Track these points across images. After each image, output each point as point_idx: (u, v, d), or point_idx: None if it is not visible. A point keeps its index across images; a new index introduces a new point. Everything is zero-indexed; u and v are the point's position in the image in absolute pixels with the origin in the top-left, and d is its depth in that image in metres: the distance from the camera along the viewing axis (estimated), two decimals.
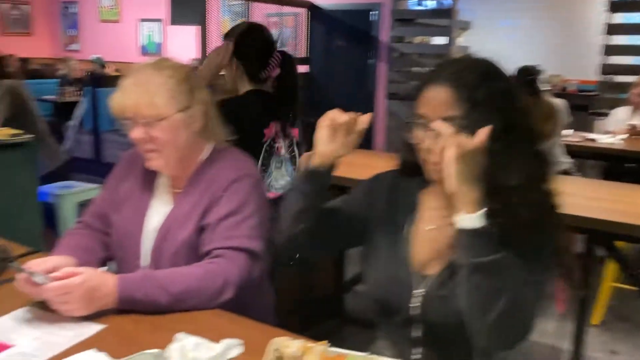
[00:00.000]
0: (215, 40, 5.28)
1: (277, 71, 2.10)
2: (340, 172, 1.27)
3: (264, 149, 2.08)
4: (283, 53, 2.15)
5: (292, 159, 2.20)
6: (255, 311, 1.28)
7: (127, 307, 1.21)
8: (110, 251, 1.49)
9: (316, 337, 1.03)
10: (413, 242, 1.23)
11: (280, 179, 2.15)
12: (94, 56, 7.70)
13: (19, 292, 1.22)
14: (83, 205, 3.69)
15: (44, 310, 1.21)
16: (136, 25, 8.72)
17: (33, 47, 9.16)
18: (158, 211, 1.44)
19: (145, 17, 8.64)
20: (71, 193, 3.65)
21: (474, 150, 1.03)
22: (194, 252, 1.37)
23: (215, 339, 1.06)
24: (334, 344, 1.02)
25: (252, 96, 2.06)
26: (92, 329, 1.15)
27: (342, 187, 1.98)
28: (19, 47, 8.14)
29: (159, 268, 1.33)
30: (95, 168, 6.02)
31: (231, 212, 1.36)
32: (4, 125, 3.42)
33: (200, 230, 1.37)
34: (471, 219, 1.04)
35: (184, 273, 1.27)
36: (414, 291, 1.18)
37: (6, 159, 3.11)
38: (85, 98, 6.45)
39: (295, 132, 2.22)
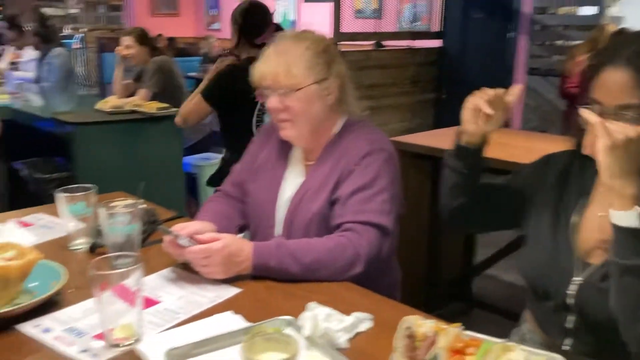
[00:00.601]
0: (349, 18, 5.26)
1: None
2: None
3: (257, 108, 2.51)
4: (277, 25, 2.70)
5: None
6: (382, 287, 1.26)
7: (261, 273, 1.26)
8: (246, 219, 1.55)
9: (442, 319, 0.99)
10: (580, 228, 1.15)
11: None
12: None
13: (165, 253, 1.31)
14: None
15: (187, 272, 1.29)
16: (272, 3, 8.97)
17: (179, 27, 9.79)
18: (291, 182, 1.47)
19: None
20: (210, 164, 3.87)
21: (634, 142, 0.92)
22: (325, 224, 1.38)
23: (346, 311, 1.06)
24: None
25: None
26: (230, 292, 1.21)
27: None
28: (166, 27, 8.75)
29: (291, 238, 1.36)
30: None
31: (363, 186, 1.35)
32: (153, 99, 3.70)
33: (332, 203, 1.38)
34: (627, 216, 0.94)
35: (315, 244, 1.29)
36: (573, 278, 1.11)
37: (155, 130, 3.37)
38: None
39: None
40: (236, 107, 2.53)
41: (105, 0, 14.99)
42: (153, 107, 3.36)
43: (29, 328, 1.05)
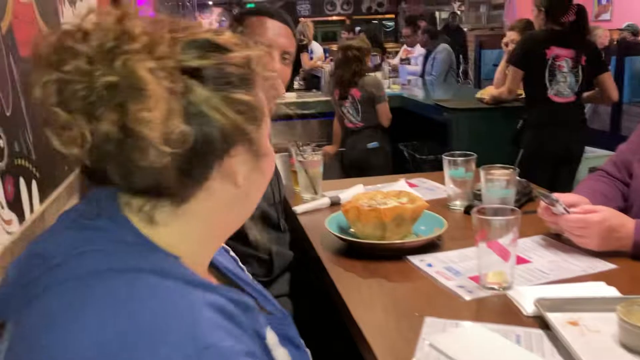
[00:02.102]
0: None
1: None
2: None
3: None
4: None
5: None
6: None
7: None
8: (628, 202, 1.45)
9: None
10: None
11: None
12: (627, 23, 7.30)
13: (538, 222, 1.34)
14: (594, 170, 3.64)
15: (558, 240, 1.30)
16: None
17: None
18: None
19: None
20: (586, 158, 3.65)
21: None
22: None
23: None
24: None
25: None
26: (604, 265, 1.17)
27: None
28: None
29: None
30: (610, 140, 5.79)
31: None
32: None
33: None
34: None
35: None
36: None
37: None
38: (609, 67, 6.24)
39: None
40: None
41: (488, 1, 15.41)
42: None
43: (416, 261, 1.23)
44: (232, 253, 0.83)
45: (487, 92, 3.65)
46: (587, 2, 9.44)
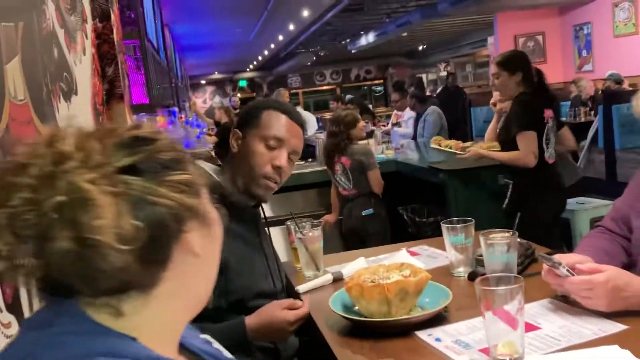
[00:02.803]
0: None
1: None
2: None
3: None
4: None
5: None
6: None
7: None
8: (631, 257, 1.44)
9: None
10: None
11: None
12: (610, 72, 7.49)
13: (544, 284, 1.32)
14: (596, 221, 3.63)
15: (567, 303, 1.28)
16: None
17: (547, 74, 9.59)
18: None
19: None
20: (585, 209, 3.66)
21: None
22: None
23: None
24: None
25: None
26: (615, 327, 1.14)
27: None
28: None
29: None
30: (607, 187, 5.82)
31: None
32: None
33: None
34: None
35: None
36: None
37: None
38: (598, 117, 6.35)
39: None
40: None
41: (473, 59, 15.91)
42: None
43: (424, 336, 1.21)
44: (202, 335, 0.82)
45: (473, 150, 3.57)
46: (569, 54, 9.76)
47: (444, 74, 16.14)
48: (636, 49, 8.22)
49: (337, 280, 1.61)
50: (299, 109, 12.04)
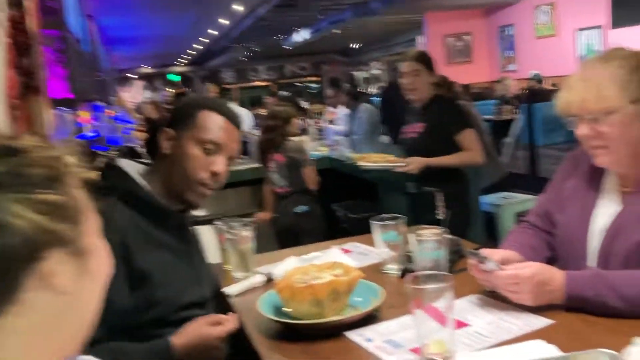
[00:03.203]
0: None
1: None
2: None
3: None
4: None
5: None
6: None
7: (574, 304, 1.18)
8: (554, 251, 1.48)
9: None
10: None
11: None
12: (532, 72, 7.82)
13: (472, 281, 1.33)
14: (521, 215, 3.77)
15: (494, 299, 1.29)
16: (573, 36, 8.47)
17: (473, 73, 9.94)
18: (605, 211, 1.36)
19: (582, 26, 8.31)
20: (510, 204, 3.79)
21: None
22: None
23: None
24: None
25: None
26: (541, 321, 1.17)
27: None
28: (461, 75, 8.98)
29: (607, 270, 1.25)
30: (530, 183, 6.09)
31: None
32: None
33: None
34: None
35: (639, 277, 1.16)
36: None
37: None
38: (521, 115, 6.61)
39: None
40: None
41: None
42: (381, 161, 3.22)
43: (355, 337, 1.18)
44: None
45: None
46: (494, 54, 10.12)
47: (378, 72, 16.39)
48: (555, 50, 8.64)
49: (268, 281, 1.57)
50: (234, 105, 11.94)
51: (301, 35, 11.88)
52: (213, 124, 1.38)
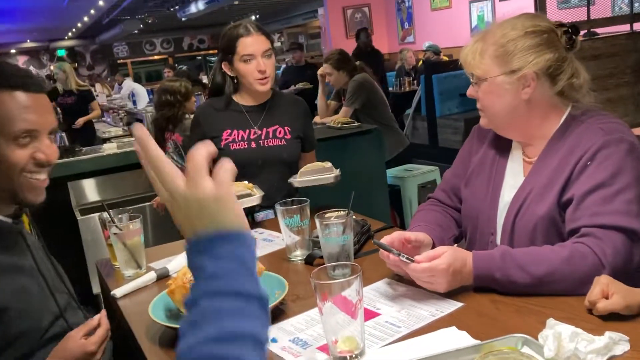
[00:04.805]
0: (552, 10, 4.83)
1: None
2: None
3: None
4: None
5: None
6: None
7: (483, 284, 1.15)
8: (462, 227, 1.45)
9: None
10: None
11: None
12: (426, 44, 7.96)
13: (379, 264, 1.26)
14: (424, 187, 3.82)
15: (403, 284, 1.24)
16: (467, 8, 8.71)
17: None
18: (512, 184, 1.33)
19: None
20: (413, 175, 3.82)
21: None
22: (555, 230, 1.22)
23: (591, 330, 0.90)
24: None
25: None
26: (451, 305, 1.12)
27: None
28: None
29: (514, 246, 1.23)
30: (431, 153, 6.24)
31: (600, 184, 1.16)
32: (355, 114, 3.79)
33: (563, 205, 1.21)
34: None
35: (546, 253, 1.13)
36: None
37: (357, 145, 3.44)
38: (420, 86, 6.73)
39: None
40: None
41: (305, 30, 16.09)
42: (338, 123, 3.52)
43: None
44: None
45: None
46: (392, 26, 10.23)
47: (278, 44, 16.14)
48: (451, 21, 8.86)
49: (162, 277, 1.43)
50: (129, 80, 11.21)
51: (197, 6, 11.38)
52: (16, 108, 1.09)
